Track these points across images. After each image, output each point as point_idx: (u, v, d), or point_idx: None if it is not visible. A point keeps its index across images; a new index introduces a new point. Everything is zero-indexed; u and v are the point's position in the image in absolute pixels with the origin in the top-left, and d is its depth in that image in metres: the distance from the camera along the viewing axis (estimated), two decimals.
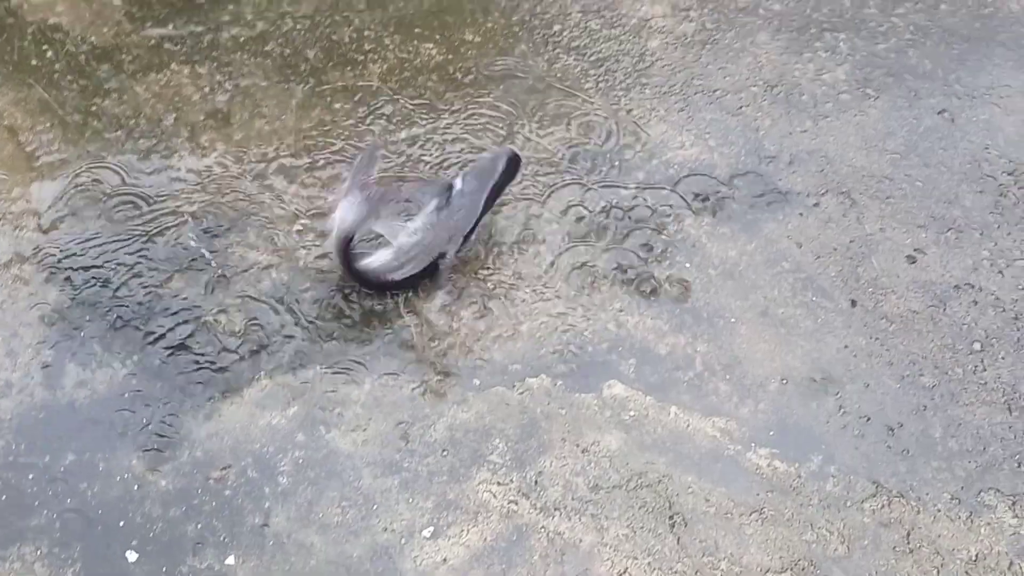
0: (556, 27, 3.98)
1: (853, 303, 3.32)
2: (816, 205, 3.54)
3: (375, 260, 3.18)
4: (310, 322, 3.18)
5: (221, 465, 2.91)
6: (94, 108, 3.62)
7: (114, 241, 3.31)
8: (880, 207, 3.55)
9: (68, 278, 3.24)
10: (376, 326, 3.19)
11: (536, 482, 2.93)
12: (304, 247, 3.33)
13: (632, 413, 3.06)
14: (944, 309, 3.32)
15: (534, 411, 3.06)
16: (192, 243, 3.30)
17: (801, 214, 3.52)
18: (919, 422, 3.09)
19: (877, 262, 3.41)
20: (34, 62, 3.73)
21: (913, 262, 3.43)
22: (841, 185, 3.59)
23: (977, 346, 3.25)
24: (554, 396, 3.09)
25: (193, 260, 3.30)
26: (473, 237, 3.31)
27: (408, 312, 3.22)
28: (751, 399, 3.11)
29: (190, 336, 3.14)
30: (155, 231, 3.37)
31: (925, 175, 3.64)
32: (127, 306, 3.19)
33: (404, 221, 3.24)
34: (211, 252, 3.29)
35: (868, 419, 3.09)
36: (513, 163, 3.39)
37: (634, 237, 3.43)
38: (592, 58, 3.90)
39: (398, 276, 3.19)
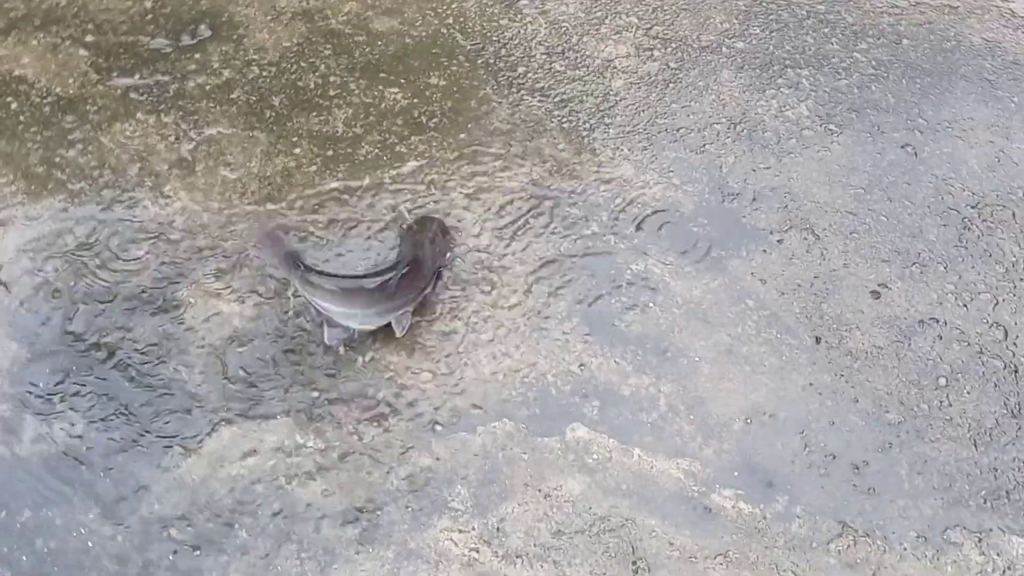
0: (520, 69, 3.94)
1: (818, 340, 3.26)
2: (780, 241, 3.49)
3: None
4: (269, 370, 3.11)
5: (178, 517, 2.84)
6: (58, 159, 3.57)
7: (78, 294, 3.25)
8: (844, 242, 3.49)
9: (27, 332, 3.17)
10: (336, 372, 3.12)
11: (498, 529, 2.85)
12: (262, 293, 3.27)
13: (595, 456, 2.99)
14: (909, 344, 3.26)
15: (496, 456, 2.99)
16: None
17: (765, 251, 3.47)
18: (885, 459, 3.02)
19: (841, 298, 3.35)
20: None
21: (877, 297, 3.37)
22: (805, 221, 3.54)
23: (942, 381, 3.18)
24: (516, 440, 3.02)
25: (155, 305, 3.24)
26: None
27: (366, 358, 3.15)
28: (715, 439, 3.04)
29: (150, 387, 3.07)
30: (121, 282, 3.31)
31: (889, 209, 3.58)
32: (88, 358, 3.12)
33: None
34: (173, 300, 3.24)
35: (833, 457, 3.02)
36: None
37: (598, 277, 3.37)
38: (556, 99, 3.86)
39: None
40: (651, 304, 3.32)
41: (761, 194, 3.61)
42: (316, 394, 3.08)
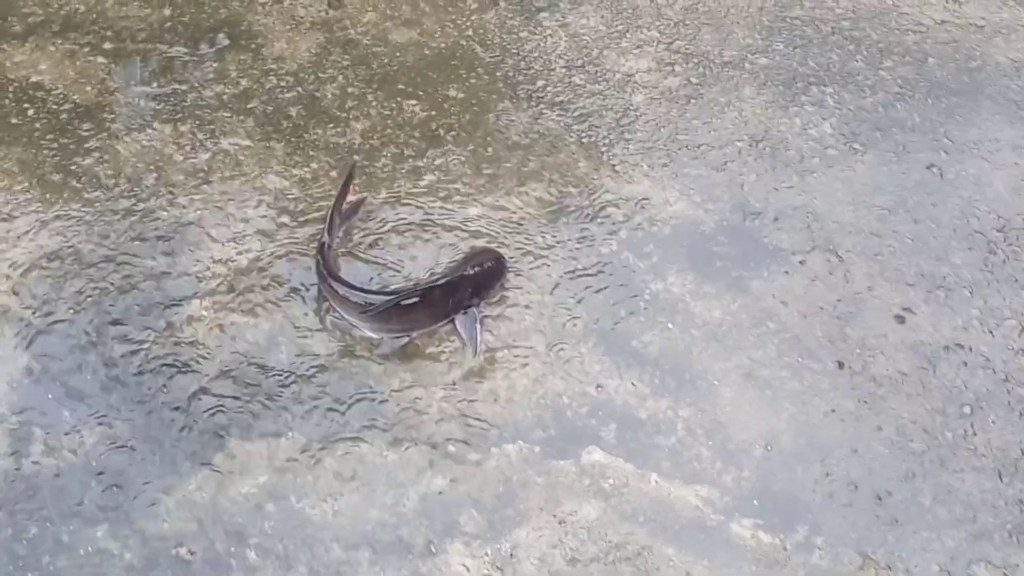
0: (540, 82, 3.84)
1: (840, 365, 3.15)
2: (802, 263, 3.37)
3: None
4: (281, 387, 3.01)
5: (188, 536, 2.74)
6: (74, 167, 3.48)
7: (88, 303, 3.16)
8: (868, 264, 3.38)
9: (39, 342, 3.08)
10: (348, 392, 3.02)
11: (511, 555, 2.75)
12: (275, 304, 3.18)
13: (611, 481, 2.89)
14: (934, 371, 3.14)
15: (511, 479, 2.88)
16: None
17: (787, 272, 3.36)
18: (908, 489, 2.90)
19: (865, 322, 3.24)
20: (14, 120, 3.60)
21: (902, 322, 3.25)
22: (828, 242, 3.43)
23: (967, 409, 3.06)
24: (531, 463, 2.91)
25: (168, 323, 3.15)
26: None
27: (378, 374, 3.06)
28: (734, 466, 2.93)
29: (161, 402, 2.97)
30: (127, 287, 3.21)
31: (914, 231, 3.47)
32: (98, 370, 3.03)
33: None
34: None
35: (856, 487, 2.90)
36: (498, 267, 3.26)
37: (616, 296, 3.27)
38: (575, 113, 3.75)
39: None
40: (670, 325, 3.22)
41: (783, 213, 3.50)
42: (327, 410, 2.98)
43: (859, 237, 3.45)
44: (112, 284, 3.20)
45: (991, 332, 3.22)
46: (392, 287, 3.20)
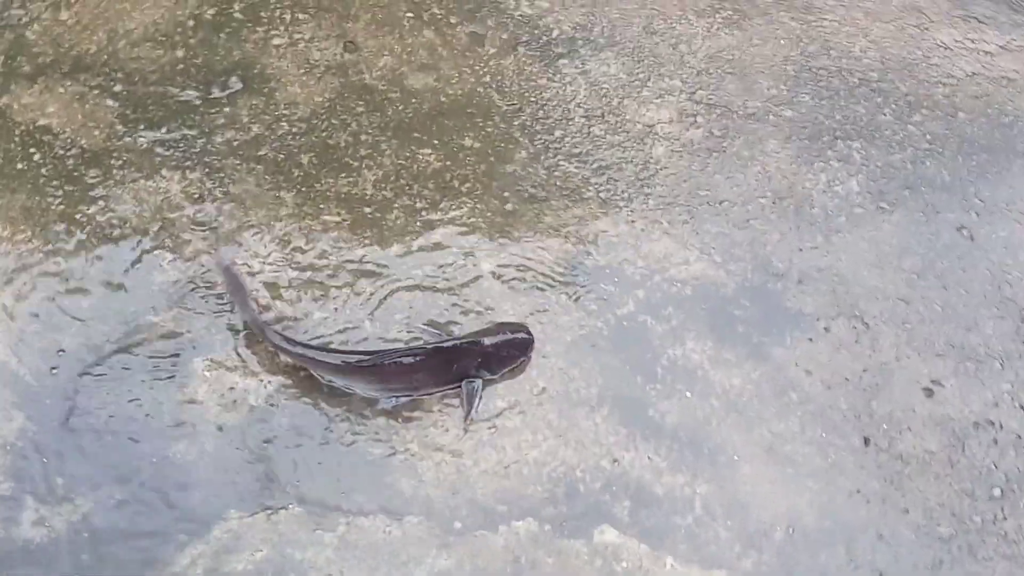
0: (558, 132, 3.68)
1: (866, 441, 2.98)
2: (827, 329, 3.21)
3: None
4: (280, 452, 2.87)
5: None
6: (79, 216, 3.35)
7: (89, 364, 3.02)
8: (895, 333, 3.21)
9: (35, 403, 2.95)
10: (351, 461, 2.87)
11: None
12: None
13: (625, 564, 2.73)
14: (963, 449, 2.97)
15: (519, 559, 2.73)
16: None
17: (811, 339, 3.19)
18: None
19: (892, 395, 3.07)
20: (20, 165, 3.47)
21: (930, 395, 3.08)
22: (854, 307, 3.26)
23: (997, 492, 2.89)
24: (541, 542, 2.76)
25: (168, 379, 3.01)
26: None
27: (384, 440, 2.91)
28: (754, 549, 2.76)
29: (159, 472, 2.83)
30: (133, 343, 3.08)
31: (943, 298, 3.30)
32: (95, 434, 2.89)
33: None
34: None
35: (880, 574, 2.73)
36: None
37: (633, 361, 3.11)
38: (594, 165, 3.60)
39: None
40: (688, 393, 3.06)
41: (807, 276, 3.33)
42: (327, 481, 2.83)
43: (886, 303, 3.27)
44: (110, 340, 3.06)
45: (1023, 408, 3.04)
46: (395, 347, 3.06)
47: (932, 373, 3.13)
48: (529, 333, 3.07)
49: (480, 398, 2.97)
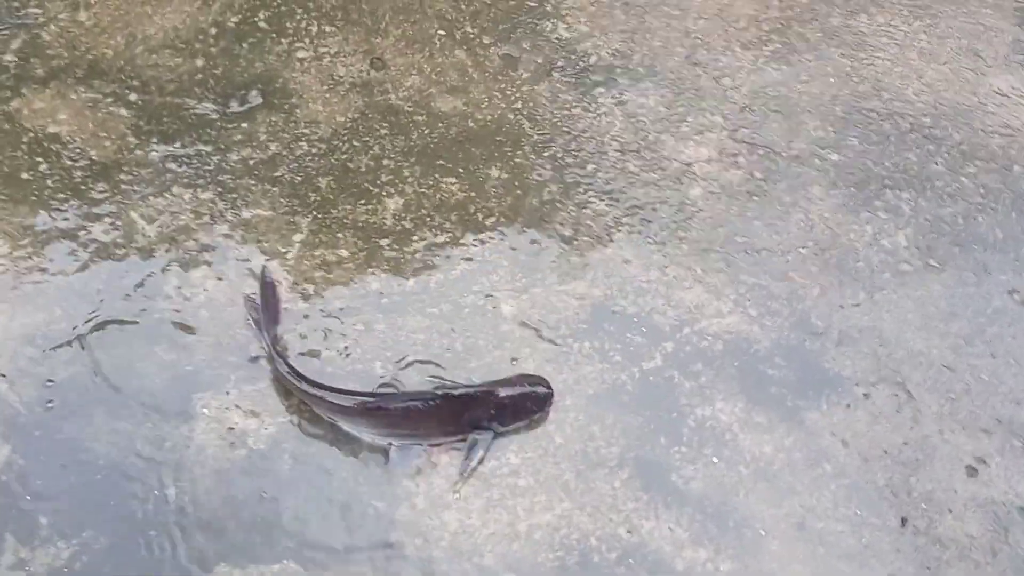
0: (590, 167, 3.49)
1: (903, 521, 2.78)
2: (867, 396, 3.00)
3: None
4: (279, 501, 2.70)
5: None
6: (82, 234, 3.18)
7: (82, 394, 2.86)
8: (939, 403, 3.00)
9: (24, 434, 2.79)
10: (353, 515, 2.70)
11: None
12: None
13: None
14: (1005, 536, 2.76)
15: None
16: None
17: (849, 405, 2.99)
18: None
19: (933, 472, 2.86)
20: (25, 175, 3.31)
21: (974, 474, 2.87)
22: (896, 373, 3.05)
23: None
24: None
25: (165, 415, 2.84)
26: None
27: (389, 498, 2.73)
28: None
29: (150, 515, 2.66)
30: (130, 375, 2.91)
31: (991, 368, 3.09)
32: (85, 470, 2.73)
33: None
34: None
35: None
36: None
37: (658, 420, 2.92)
38: (627, 204, 3.40)
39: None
40: (715, 459, 2.86)
41: (848, 336, 3.13)
42: (326, 537, 2.66)
43: (930, 370, 3.07)
44: (106, 370, 2.89)
45: None
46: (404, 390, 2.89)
47: (976, 450, 2.92)
48: (549, 387, 2.88)
49: (488, 451, 2.79)
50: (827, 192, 3.48)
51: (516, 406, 2.83)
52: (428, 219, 3.31)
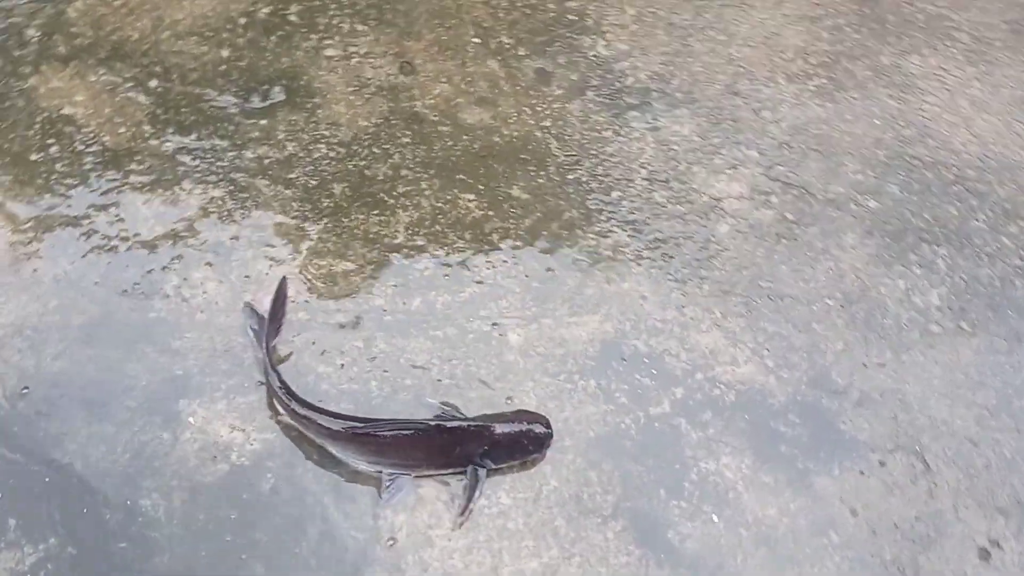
0: (615, 194, 3.34)
1: None
2: (882, 464, 2.84)
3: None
4: (255, 524, 2.58)
5: None
6: (86, 223, 3.09)
7: (64, 393, 2.76)
8: (957, 478, 2.83)
9: (5, 431, 2.69)
10: (331, 545, 2.58)
11: None
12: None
13: None
14: None
15: None
16: None
17: (862, 472, 2.83)
18: None
19: (944, 551, 2.70)
20: (34, 156, 3.22)
21: (986, 557, 2.70)
22: (915, 441, 2.89)
23: None
24: None
25: (148, 422, 2.74)
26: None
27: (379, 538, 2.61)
28: None
29: (121, 527, 2.56)
30: (117, 376, 2.81)
31: (1015, 444, 2.91)
32: (61, 474, 2.63)
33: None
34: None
35: None
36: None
37: (659, 470, 2.77)
38: (650, 237, 3.26)
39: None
40: (715, 517, 2.71)
41: (868, 397, 2.96)
42: (301, 569, 2.54)
43: (952, 441, 2.90)
44: (92, 368, 2.79)
45: None
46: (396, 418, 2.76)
47: (991, 531, 2.75)
48: (549, 426, 2.74)
49: (481, 489, 2.66)
50: (861, 240, 3.31)
51: (512, 444, 2.70)
52: (441, 236, 3.18)
